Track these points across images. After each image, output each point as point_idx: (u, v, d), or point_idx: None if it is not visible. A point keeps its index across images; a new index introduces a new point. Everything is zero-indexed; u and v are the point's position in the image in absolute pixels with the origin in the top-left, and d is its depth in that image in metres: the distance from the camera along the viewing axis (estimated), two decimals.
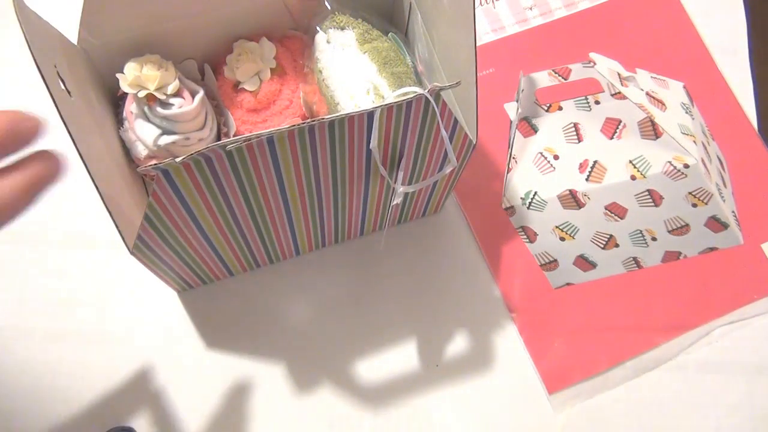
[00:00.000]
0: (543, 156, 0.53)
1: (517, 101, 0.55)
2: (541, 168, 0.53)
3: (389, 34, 0.44)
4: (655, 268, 0.51)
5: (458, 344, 0.48)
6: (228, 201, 0.36)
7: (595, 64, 0.56)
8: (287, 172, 0.36)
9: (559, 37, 0.57)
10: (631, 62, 0.56)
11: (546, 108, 0.54)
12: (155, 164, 0.30)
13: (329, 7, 0.43)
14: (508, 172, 0.53)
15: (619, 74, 0.56)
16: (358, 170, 0.38)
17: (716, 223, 0.52)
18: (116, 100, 0.44)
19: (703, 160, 0.53)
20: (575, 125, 0.54)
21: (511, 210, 0.52)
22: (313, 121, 0.31)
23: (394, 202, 0.40)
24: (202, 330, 0.48)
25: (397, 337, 0.48)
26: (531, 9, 0.58)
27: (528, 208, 0.52)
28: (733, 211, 0.52)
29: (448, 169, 0.39)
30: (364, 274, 0.50)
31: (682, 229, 0.52)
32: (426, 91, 0.33)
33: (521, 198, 0.52)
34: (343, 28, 0.42)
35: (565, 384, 0.48)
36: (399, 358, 0.48)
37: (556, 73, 0.55)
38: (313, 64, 0.43)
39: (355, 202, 0.43)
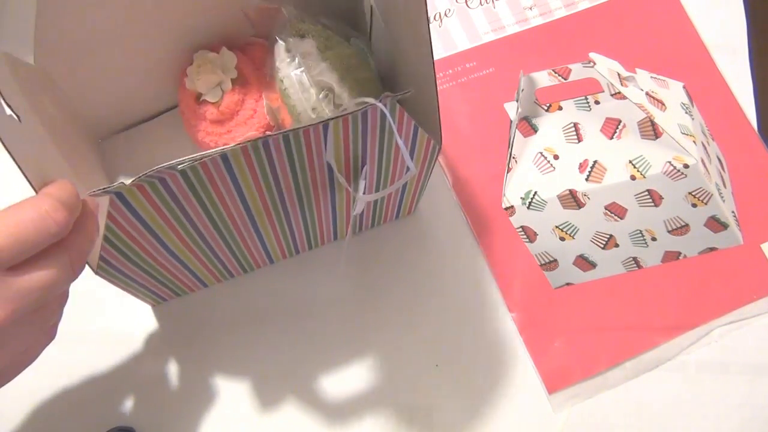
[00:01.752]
0: (543, 156, 0.53)
1: (517, 101, 0.55)
2: (541, 168, 0.53)
3: (351, 40, 0.43)
4: (655, 268, 0.51)
5: (458, 344, 0.48)
6: (189, 218, 0.35)
7: (595, 64, 0.56)
8: (247, 187, 0.35)
9: (559, 37, 0.57)
10: (630, 62, 0.56)
11: (546, 108, 0.54)
12: (105, 188, 0.29)
13: (287, 15, 0.42)
14: (508, 172, 0.53)
15: (618, 74, 0.56)
16: (321, 180, 0.37)
17: (716, 223, 0.52)
18: None
19: (702, 161, 0.53)
20: (575, 125, 0.54)
21: (511, 210, 0.52)
22: (267, 135, 0.30)
23: (354, 212, 0.38)
24: (180, 342, 0.47)
25: (396, 337, 0.48)
26: (531, 9, 0.58)
27: (528, 208, 0.52)
28: (732, 211, 0.52)
29: (407, 177, 0.38)
30: (352, 276, 0.49)
31: (681, 229, 0.52)
32: (378, 100, 0.31)
33: (521, 198, 0.52)
34: (303, 36, 0.41)
35: (565, 384, 0.48)
36: (398, 358, 0.48)
37: (556, 73, 0.55)
38: (274, 73, 0.42)
39: (323, 211, 0.42)
